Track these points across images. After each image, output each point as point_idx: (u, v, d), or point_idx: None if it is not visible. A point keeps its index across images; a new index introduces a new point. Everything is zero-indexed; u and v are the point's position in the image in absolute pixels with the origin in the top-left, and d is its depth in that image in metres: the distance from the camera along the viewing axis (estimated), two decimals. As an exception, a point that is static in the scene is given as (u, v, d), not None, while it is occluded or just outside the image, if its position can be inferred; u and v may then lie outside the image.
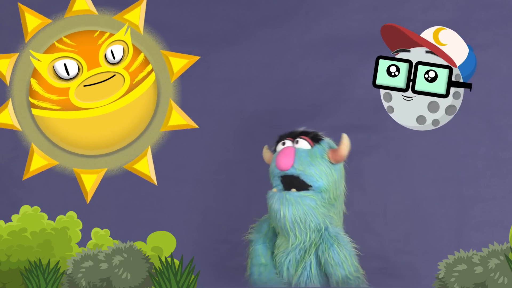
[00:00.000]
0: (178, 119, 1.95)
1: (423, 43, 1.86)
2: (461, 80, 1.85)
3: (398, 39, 1.87)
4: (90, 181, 1.93)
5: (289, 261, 2.02)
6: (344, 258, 1.98)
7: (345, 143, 1.99)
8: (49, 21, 1.92)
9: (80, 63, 1.89)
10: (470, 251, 1.74)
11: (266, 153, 2.12)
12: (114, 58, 1.91)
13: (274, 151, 2.08)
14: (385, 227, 2.53)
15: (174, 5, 2.63)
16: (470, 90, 1.85)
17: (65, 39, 1.90)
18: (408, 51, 1.87)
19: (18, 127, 1.91)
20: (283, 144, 2.04)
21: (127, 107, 1.92)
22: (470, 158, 2.52)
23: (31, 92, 1.91)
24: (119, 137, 1.93)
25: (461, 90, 1.85)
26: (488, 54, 2.52)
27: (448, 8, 2.55)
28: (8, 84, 1.92)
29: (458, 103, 1.85)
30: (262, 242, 2.09)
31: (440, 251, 2.24)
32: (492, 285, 1.69)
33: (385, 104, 1.89)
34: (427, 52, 1.85)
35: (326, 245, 1.99)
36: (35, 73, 1.91)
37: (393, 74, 1.85)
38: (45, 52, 1.90)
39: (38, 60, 1.89)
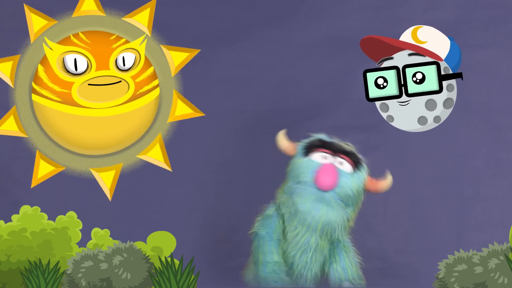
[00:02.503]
0: (184, 108, 1.95)
1: (404, 46, 1.86)
2: (451, 72, 1.85)
3: (379, 49, 1.87)
4: (109, 179, 1.94)
5: (300, 259, 2.01)
6: (349, 265, 2.00)
7: (389, 180, 2.04)
8: (55, 21, 1.93)
9: (90, 61, 1.90)
10: (470, 251, 1.74)
11: (284, 141, 2.05)
12: (124, 65, 1.91)
13: (305, 151, 2.01)
14: (385, 227, 2.53)
15: (174, 5, 2.63)
16: (462, 79, 1.85)
17: (81, 34, 1.91)
18: (392, 58, 1.87)
19: (24, 134, 1.92)
20: (325, 158, 1.99)
21: (126, 114, 1.92)
22: (470, 158, 2.52)
23: (35, 78, 1.91)
24: (112, 142, 1.93)
25: (453, 82, 1.85)
26: (488, 54, 2.52)
27: (448, 8, 2.55)
28: (13, 87, 1.92)
29: (453, 95, 1.85)
30: (274, 238, 2.01)
31: (440, 251, 2.23)
32: (492, 285, 1.69)
33: (384, 115, 1.90)
34: (410, 54, 1.86)
35: (335, 250, 2.00)
36: (43, 61, 1.91)
37: (381, 86, 1.85)
38: (59, 43, 1.90)
39: (50, 48, 1.89)
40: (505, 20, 2.54)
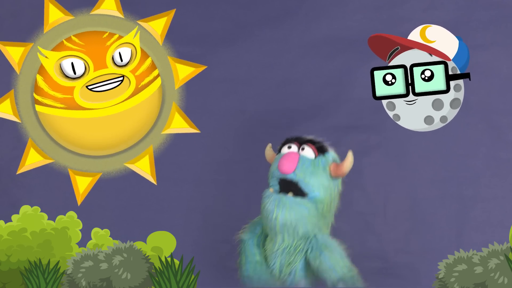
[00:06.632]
0: (181, 122, 1.95)
1: (412, 45, 1.86)
2: (458, 72, 1.85)
3: (388, 47, 1.87)
4: (83, 184, 1.93)
5: (274, 264, 2.03)
6: (335, 261, 1.98)
7: (349, 159, 1.99)
8: (71, 16, 1.93)
9: (87, 63, 1.90)
10: (470, 251, 1.74)
11: (269, 152, 2.13)
12: (121, 60, 1.91)
13: (279, 151, 2.08)
14: (385, 227, 2.53)
15: (174, 5, 2.62)
16: (470, 79, 1.85)
17: (74, 38, 1.91)
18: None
19: (18, 119, 1.92)
20: (289, 147, 2.04)
21: (131, 110, 1.93)
22: (470, 158, 2.52)
23: (36, 89, 1.91)
24: (121, 139, 1.93)
25: (461, 82, 1.85)
26: (488, 54, 2.52)
27: (448, 8, 2.55)
28: (18, 72, 1.92)
29: (461, 95, 1.85)
30: (255, 242, 2.08)
31: (440, 251, 2.24)
32: (492, 285, 1.69)
33: (390, 114, 1.89)
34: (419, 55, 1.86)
35: (317, 252, 1.99)
36: (41, 70, 1.91)
37: (390, 82, 1.85)
38: (53, 50, 1.90)
39: (46, 57, 1.89)
40: (505, 20, 2.54)
